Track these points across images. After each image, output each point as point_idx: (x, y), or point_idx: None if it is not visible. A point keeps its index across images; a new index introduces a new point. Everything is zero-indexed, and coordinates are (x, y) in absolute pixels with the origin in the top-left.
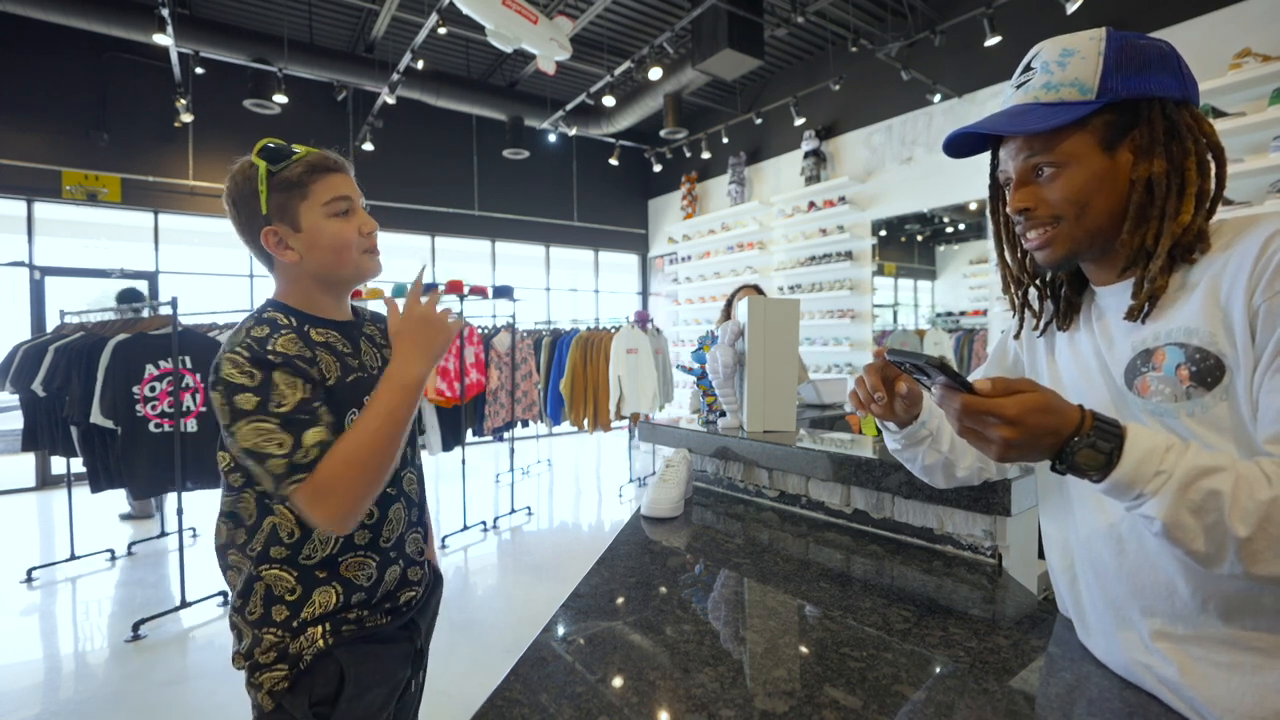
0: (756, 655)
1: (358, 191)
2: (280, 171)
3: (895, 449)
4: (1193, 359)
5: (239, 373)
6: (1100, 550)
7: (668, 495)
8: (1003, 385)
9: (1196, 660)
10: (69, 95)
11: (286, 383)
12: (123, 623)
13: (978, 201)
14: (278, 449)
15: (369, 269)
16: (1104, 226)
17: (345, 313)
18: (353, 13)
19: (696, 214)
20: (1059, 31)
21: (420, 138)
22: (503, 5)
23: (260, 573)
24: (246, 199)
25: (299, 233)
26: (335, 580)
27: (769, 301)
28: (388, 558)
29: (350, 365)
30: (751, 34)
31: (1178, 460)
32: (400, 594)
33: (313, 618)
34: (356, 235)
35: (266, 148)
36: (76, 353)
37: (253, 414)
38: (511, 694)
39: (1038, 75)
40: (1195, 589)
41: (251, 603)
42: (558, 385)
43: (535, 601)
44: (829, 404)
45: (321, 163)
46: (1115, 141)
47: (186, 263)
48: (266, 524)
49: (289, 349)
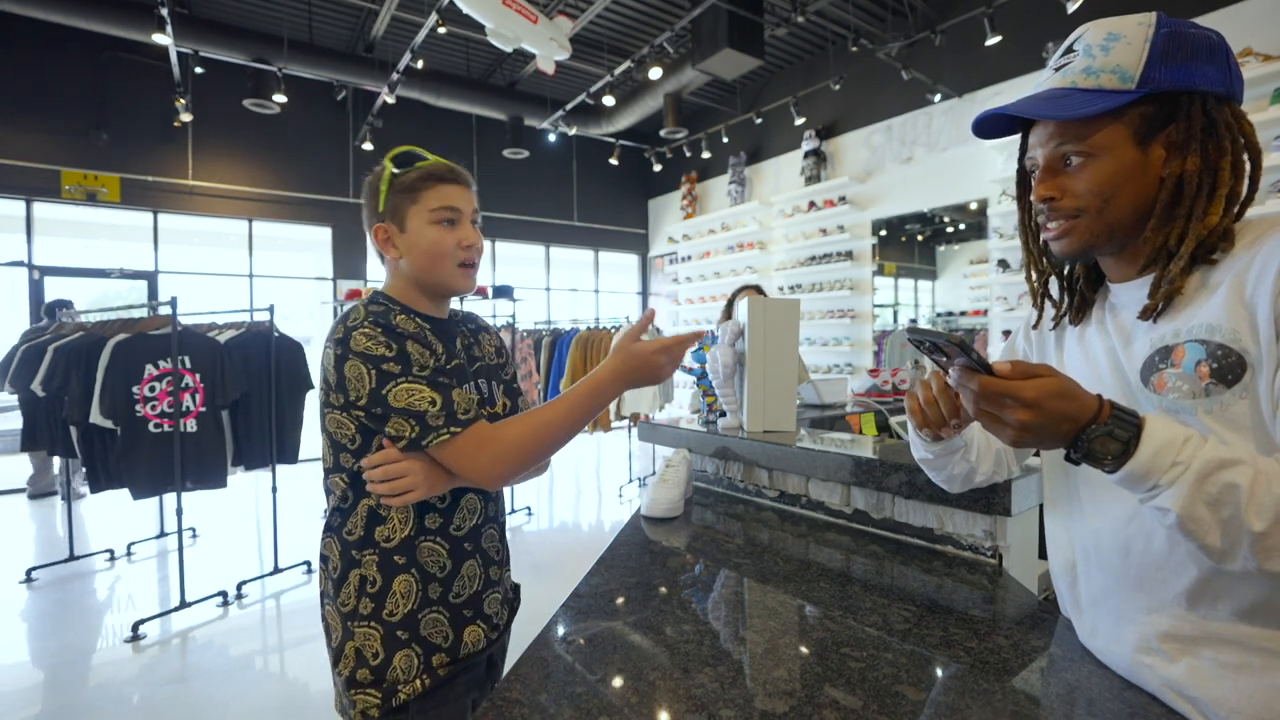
0: (756, 655)
1: (472, 206)
2: (402, 175)
3: (925, 458)
4: (1214, 356)
5: (375, 344)
6: (1107, 550)
7: (668, 495)
8: (1022, 368)
9: (1204, 661)
10: (68, 95)
11: (418, 352)
12: (122, 623)
13: (977, 201)
14: (431, 405)
15: (461, 284)
16: (1126, 222)
17: (442, 314)
18: (353, 12)
19: (696, 214)
20: (1059, 31)
21: (420, 137)
22: (503, 5)
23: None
24: (371, 196)
25: (404, 234)
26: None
27: (769, 301)
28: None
29: (450, 351)
30: (751, 34)
31: (1195, 452)
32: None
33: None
34: (455, 247)
35: (400, 153)
36: (76, 353)
37: (400, 376)
38: (511, 694)
39: (1079, 59)
40: (1204, 589)
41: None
42: (558, 385)
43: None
44: (829, 404)
45: (437, 171)
46: (1149, 135)
47: (186, 263)
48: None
49: (408, 326)
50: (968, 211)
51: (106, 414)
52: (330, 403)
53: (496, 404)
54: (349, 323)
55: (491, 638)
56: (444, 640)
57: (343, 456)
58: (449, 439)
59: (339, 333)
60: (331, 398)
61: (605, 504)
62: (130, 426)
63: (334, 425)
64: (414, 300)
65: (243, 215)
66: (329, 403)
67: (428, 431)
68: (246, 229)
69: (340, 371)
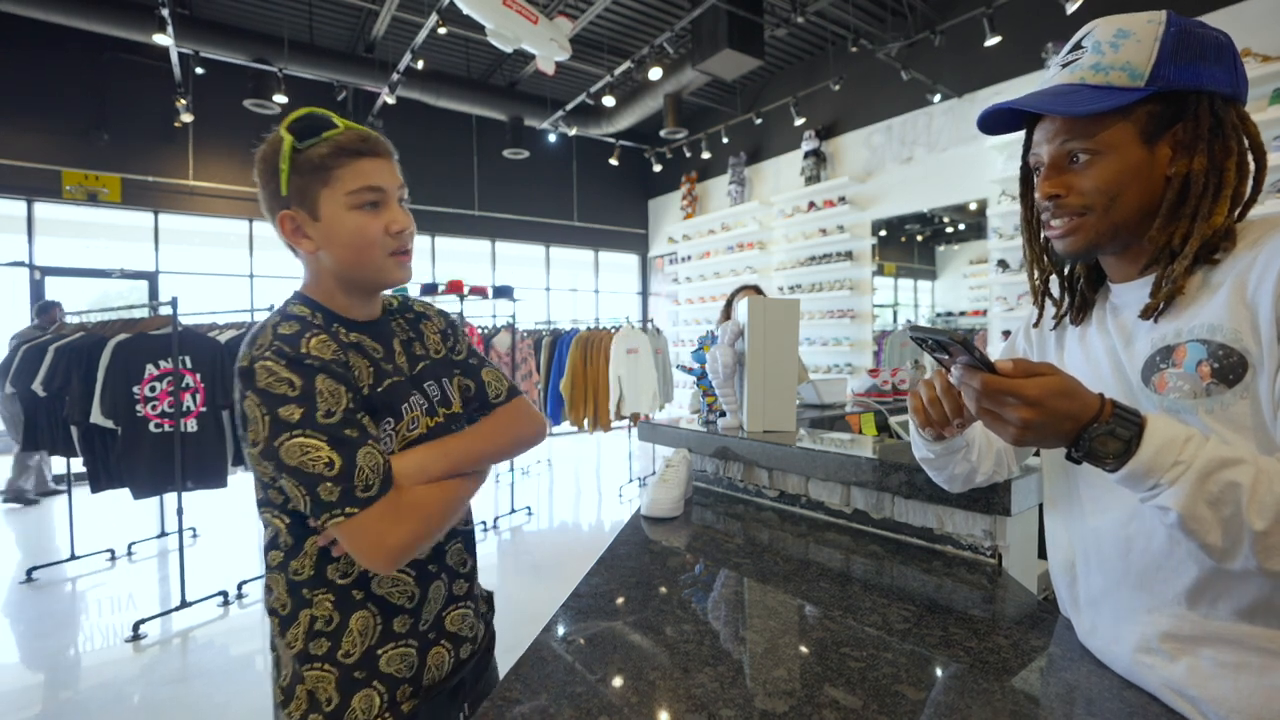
0: (756, 655)
1: (397, 182)
2: (307, 150)
3: (927, 458)
4: (1215, 355)
5: (276, 381)
6: (1107, 549)
7: (668, 495)
8: (1025, 367)
9: (1203, 660)
10: (69, 95)
11: (329, 390)
12: (123, 622)
13: (977, 201)
14: (326, 469)
15: (395, 275)
16: (1130, 221)
17: (373, 312)
18: (353, 13)
19: (696, 214)
20: (1058, 32)
21: (420, 138)
22: (503, 5)
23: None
24: (268, 175)
25: (318, 222)
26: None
27: (769, 301)
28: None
29: (384, 370)
30: (751, 34)
31: (1197, 451)
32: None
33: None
34: (382, 234)
35: (300, 120)
36: (76, 353)
37: (296, 426)
38: (511, 694)
39: (1087, 55)
40: (1205, 588)
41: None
42: (558, 385)
43: (535, 601)
44: (829, 404)
45: (352, 144)
46: (1156, 134)
47: (186, 263)
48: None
49: (323, 352)
50: (967, 212)
51: (107, 414)
52: (242, 437)
53: (452, 403)
54: (255, 348)
55: (461, 656)
56: (408, 670)
57: (272, 493)
58: (343, 521)
59: (244, 359)
60: (244, 432)
61: (605, 504)
62: (131, 426)
63: (254, 462)
64: (339, 302)
65: (243, 215)
66: (245, 437)
67: (320, 508)
68: (247, 229)
69: (243, 406)
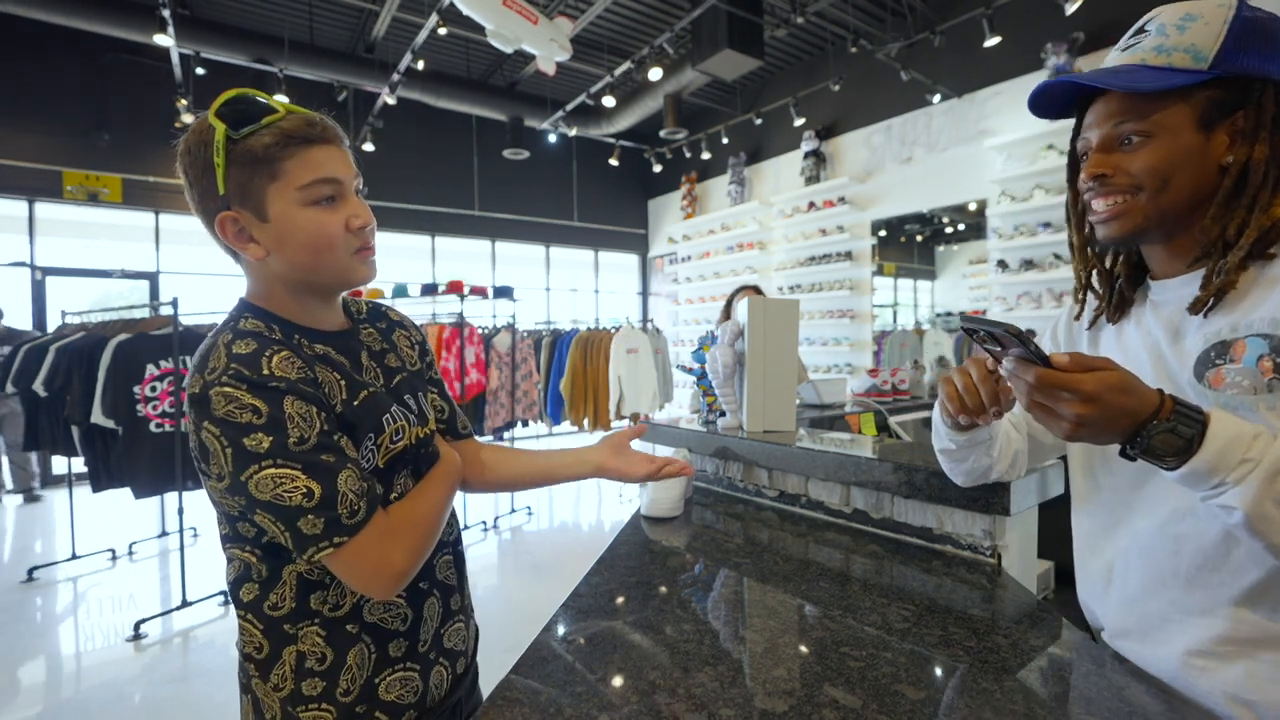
0: (756, 655)
1: (352, 171)
2: (245, 140)
3: (948, 448)
4: (1278, 350)
5: (237, 408)
6: (1151, 549)
7: (668, 495)
8: (1081, 361)
9: (1263, 664)
10: (70, 96)
11: (300, 413)
12: (124, 622)
13: (977, 202)
14: (305, 500)
15: (360, 274)
16: (1180, 208)
17: (337, 318)
18: (353, 13)
19: (696, 214)
20: (1058, 32)
21: (420, 138)
22: (503, 6)
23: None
24: (199, 171)
25: (265, 223)
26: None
27: (769, 301)
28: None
29: (357, 381)
30: (751, 34)
31: (1266, 448)
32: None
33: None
34: (343, 231)
35: (229, 104)
36: (77, 353)
37: (265, 456)
38: (512, 693)
39: (1150, 38)
40: (1266, 590)
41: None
42: (558, 385)
43: (535, 601)
44: (829, 404)
45: (300, 131)
46: (1214, 120)
47: (187, 263)
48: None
49: (288, 371)
50: (967, 212)
51: (108, 414)
52: (201, 469)
53: (429, 420)
54: (207, 372)
55: (458, 672)
56: (412, 695)
57: (241, 526)
58: (333, 552)
59: (195, 385)
60: (203, 465)
61: (605, 504)
62: (132, 426)
63: (217, 495)
64: (297, 310)
65: None
66: (200, 469)
67: (304, 543)
68: None
69: (199, 438)
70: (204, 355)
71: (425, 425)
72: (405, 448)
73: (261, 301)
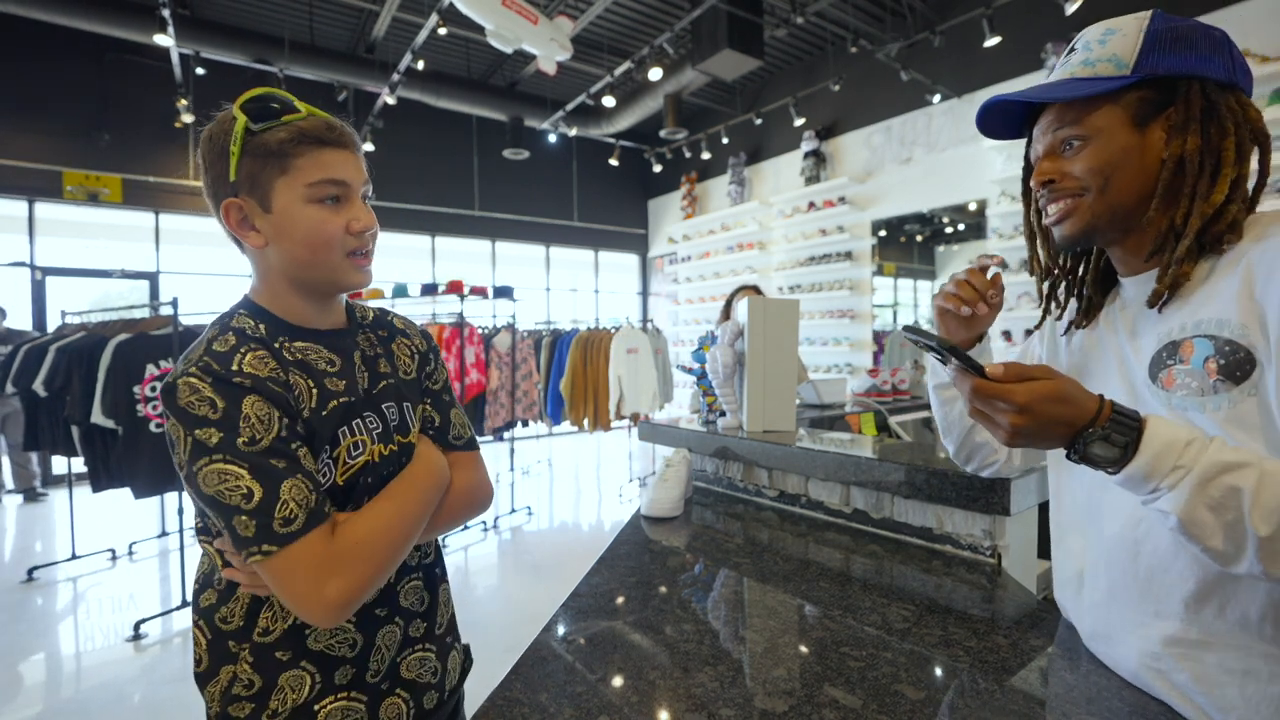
0: (756, 655)
1: (362, 178)
2: (263, 133)
3: (942, 382)
4: (1222, 351)
5: (197, 400)
6: (1115, 552)
7: (668, 495)
8: (1016, 371)
9: (1210, 667)
10: (70, 96)
11: (258, 413)
12: (124, 622)
13: (976, 202)
14: (244, 501)
15: (352, 279)
16: (1128, 204)
17: (335, 318)
18: (353, 13)
19: (696, 214)
20: (1057, 32)
21: (420, 138)
22: (503, 6)
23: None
24: (215, 157)
25: (268, 214)
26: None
27: (769, 301)
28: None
29: (329, 390)
30: (751, 34)
31: (1198, 455)
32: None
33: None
34: (342, 232)
35: (254, 100)
36: (77, 353)
37: (214, 451)
38: (512, 693)
39: (1078, 54)
40: (1209, 594)
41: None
42: (558, 385)
43: (535, 601)
44: (828, 404)
45: (317, 132)
46: (1148, 118)
47: (187, 263)
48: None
49: (258, 369)
50: (967, 212)
51: (108, 414)
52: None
53: (410, 431)
54: (185, 363)
55: (426, 707)
56: None
57: (210, 521)
58: (262, 560)
59: (172, 376)
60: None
61: (605, 504)
62: (132, 426)
63: (187, 486)
64: (291, 307)
65: None
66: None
67: (239, 545)
68: None
69: (167, 426)
70: (189, 349)
71: (391, 442)
72: (366, 463)
73: (259, 297)
